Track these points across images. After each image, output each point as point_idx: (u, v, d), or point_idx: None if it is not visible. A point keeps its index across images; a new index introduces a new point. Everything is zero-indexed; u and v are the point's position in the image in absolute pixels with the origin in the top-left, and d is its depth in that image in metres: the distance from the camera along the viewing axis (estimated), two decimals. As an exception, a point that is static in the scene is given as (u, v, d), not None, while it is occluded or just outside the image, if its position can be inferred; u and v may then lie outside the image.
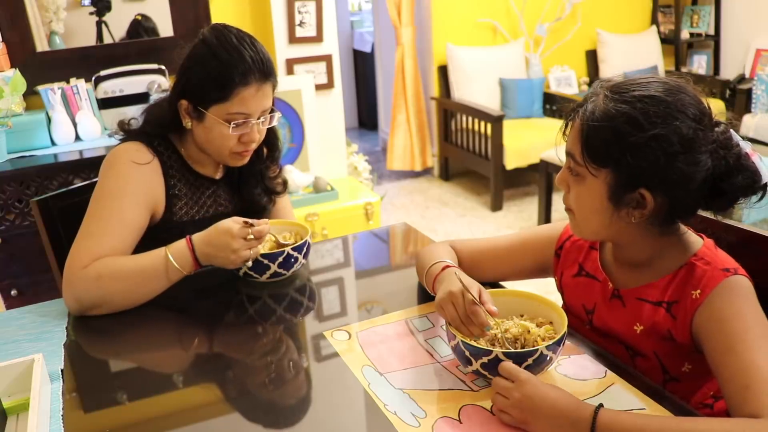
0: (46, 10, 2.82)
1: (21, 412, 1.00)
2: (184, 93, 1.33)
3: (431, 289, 1.16)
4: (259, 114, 1.33)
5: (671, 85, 0.95)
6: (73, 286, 1.22)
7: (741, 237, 1.10)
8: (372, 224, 3.15)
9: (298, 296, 1.32)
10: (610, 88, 0.97)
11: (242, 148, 1.35)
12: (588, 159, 0.96)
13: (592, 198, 0.99)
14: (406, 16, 4.24)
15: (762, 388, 0.83)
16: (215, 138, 1.33)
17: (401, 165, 4.53)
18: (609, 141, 0.94)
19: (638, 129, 0.91)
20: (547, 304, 1.05)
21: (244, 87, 1.28)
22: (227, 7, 3.23)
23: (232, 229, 1.23)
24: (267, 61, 1.31)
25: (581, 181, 0.99)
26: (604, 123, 0.94)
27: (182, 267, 1.25)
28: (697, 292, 0.96)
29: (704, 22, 4.99)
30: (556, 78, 4.69)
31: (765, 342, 0.88)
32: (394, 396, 0.96)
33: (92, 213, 1.29)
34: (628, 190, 0.95)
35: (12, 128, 2.46)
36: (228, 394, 1.03)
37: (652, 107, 0.92)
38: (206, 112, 1.30)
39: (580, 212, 1.02)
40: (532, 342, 0.98)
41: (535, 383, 0.88)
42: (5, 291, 2.39)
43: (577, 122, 0.98)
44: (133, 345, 1.19)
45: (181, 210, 1.41)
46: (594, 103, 0.96)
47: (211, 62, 1.28)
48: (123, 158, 1.33)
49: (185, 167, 1.41)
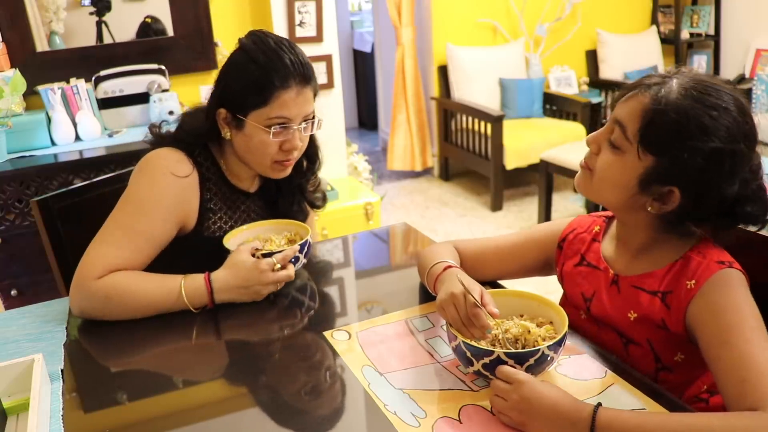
0: (46, 10, 2.82)
1: (21, 412, 1.00)
2: (223, 101, 1.28)
3: (432, 289, 1.15)
4: (300, 120, 1.28)
5: (742, 103, 0.96)
6: (81, 296, 1.20)
7: (741, 237, 1.10)
8: (372, 224, 3.15)
9: (299, 295, 1.32)
10: (692, 82, 0.95)
11: (284, 156, 1.30)
12: (641, 139, 0.95)
13: (623, 173, 0.99)
14: (406, 16, 4.24)
15: (759, 381, 0.83)
16: (256, 147, 1.28)
17: (402, 165, 4.53)
18: (672, 134, 0.93)
19: (704, 136, 0.92)
20: (547, 304, 1.05)
21: (284, 90, 1.24)
22: (227, 7, 3.23)
23: (260, 265, 1.21)
24: (307, 65, 1.27)
25: (618, 153, 0.99)
26: (675, 116, 0.93)
27: (193, 304, 1.21)
28: (691, 283, 0.97)
29: (704, 22, 4.99)
30: (556, 78, 4.69)
31: (759, 333, 0.89)
32: (394, 396, 0.96)
33: (118, 218, 1.25)
34: (661, 182, 0.96)
35: (12, 128, 2.46)
36: (228, 394, 1.03)
37: (723, 121, 0.92)
38: (245, 119, 1.26)
39: (601, 177, 1.02)
40: (533, 342, 0.98)
41: (533, 384, 0.88)
42: (5, 291, 2.39)
43: (646, 99, 0.96)
44: (133, 345, 1.19)
45: (215, 224, 1.37)
46: (668, 90, 0.95)
47: (249, 67, 1.24)
48: (162, 166, 1.27)
49: (222, 180, 1.37)
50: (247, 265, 1.21)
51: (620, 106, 1.00)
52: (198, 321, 1.23)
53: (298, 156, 1.34)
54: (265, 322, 1.24)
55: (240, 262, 1.22)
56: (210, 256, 1.29)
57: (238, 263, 1.22)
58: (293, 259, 1.29)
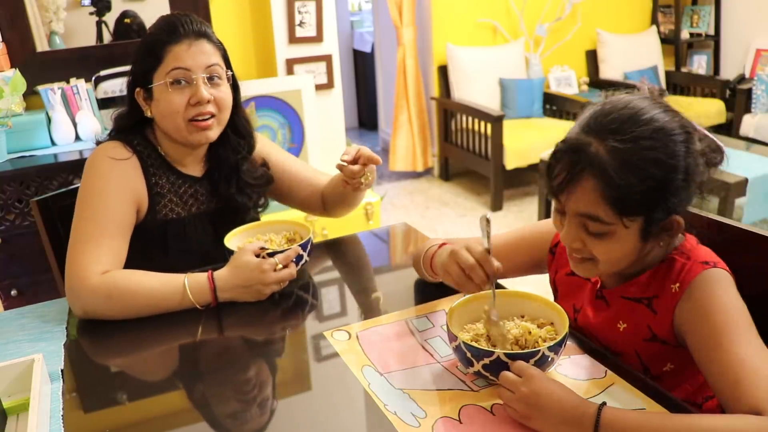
0: (46, 10, 2.82)
1: (21, 412, 1.00)
2: (135, 80, 1.35)
3: (430, 271, 1.15)
4: (201, 70, 1.31)
5: (650, 99, 0.94)
6: (82, 299, 1.21)
7: (741, 237, 1.10)
8: (372, 224, 3.15)
9: (300, 295, 1.32)
10: (607, 130, 0.91)
11: (194, 111, 1.32)
12: (623, 215, 0.91)
13: (626, 245, 0.95)
14: (407, 16, 4.24)
15: (754, 382, 0.82)
16: (165, 108, 1.32)
17: (404, 166, 4.53)
18: (646, 192, 0.90)
19: (668, 168, 0.90)
20: (547, 304, 1.05)
21: (175, 44, 1.30)
22: (227, 7, 3.23)
23: (262, 265, 1.22)
24: (198, 23, 1.34)
25: (608, 238, 0.94)
26: (633, 176, 0.89)
27: (198, 302, 1.23)
28: (676, 286, 0.96)
29: (704, 22, 4.99)
30: (556, 78, 4.69)
31: (748, 332, 0.88)
32: (394, 396, 0.96)
33: (81, 215, 1.29)
34: (661, 223, 0.95)
35: (12, 128, 2.46)
36: (228, 394, 1.03)
37: (662, 137, 0.90)
38: (152, 87, 1.32)
39: (608, 261, 0.98)
40: (533, 343, 0.98)
41: (542, 379, 0.88)
42: (5, 291, 2.39)
43: (591, 181, 0.91)
44: (133, 345, 1.19)
45: (165, 208, 1.40)
46: (600, 156, 0.90)
47: (145, 38, 1.35)
48: (100, 158, 1.33)
49: (165, 165, 1.41)
50: (251, 265, 1.22)
51: (571, 199, 0.94)
52: (198, 321, 1.23)
53: (214, 112, 1.34)
54: (266, 322, 1.24)
55: (243, 263, 1.23)
56: (164, 239, 1.39)
57: (241, 263, 1.23)
58: (297, 258, 1.30)
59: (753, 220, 3.29)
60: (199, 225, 1.43)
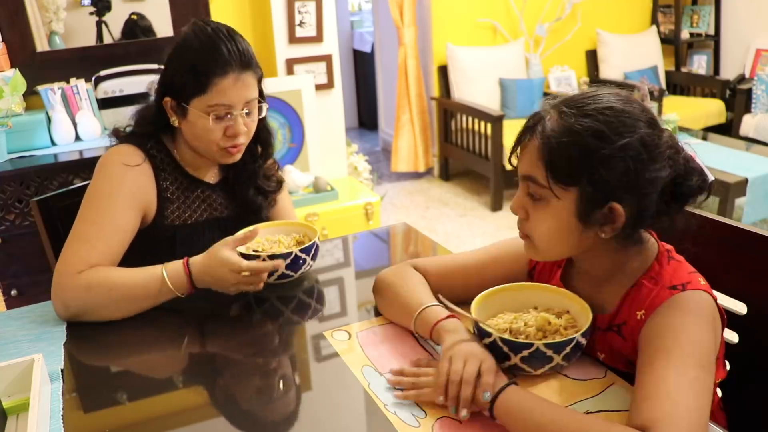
0: (46, 10, 2.82)
1: (21, 412, 1.00)
2: (167, 90, 1.33)
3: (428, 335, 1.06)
4: (241, 105, 1.30)
5: (623, 95, 0.95)
6: (63, 291, 1.21)
7: (741, 237, 1.10)
8: (372, 224, 3.15)
9: (301, 295, 1.32)
10: (564, 103, 0.94)
11: (229, 142, 1.33)
12: (554, 180, 0.92)
13: (559, 220, 0.94)
14: (408, 16, 4.24)
15: (658, 403, 0.79)
16: (200, 133, 1.31)
17: (406, 167, 4.53)
18: (577, 158, 0.90)
19: (606, 141, 0.89)
20: (557, 292, 1.05)
21: (222, 77, 1.27)
22: (227, 7, 3.23)
23: (231, 264, 1.20)
24: (245, 51, 1.30)
25: (544, 206, 0.95)
26: (569, 139, 0.90)
27: (177, 289, 1.23)
28: (641, 313, 0.94)
29: (704, 22, 4.99)
30: (556, 78, 4.69)
31: (687, 361, 0.84)
32: (394, 396, 0.96)
33: (84, 216, 1.29)
34: (597, 206, 0.92)
35: (12, 128, 2.46)
36: (229, 395, 1.03)
37: (614, 118, 0.90)
38: (188, 107, 1.30)
39: (543, 237, 0.97)
40: (553, 332, 0.99)
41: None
42: (5, 291, 2.39)
43: (536, 142, 0.94)
44: (133, 345, 1.19)
45: (173, 213, 1.39)
46: (550, 122, 0.93)
47: (187, 55, 1.29)
48: (114, 160, 1.32)
49: (178, 170, 1.40)
50: (223, 260, 1.21)
51: (521, 162, 0.97)
52: (198, 321, 1.24)
53: (245, 141, 1.36)
54: (266, 323, 1.24)
55: (217, 257, 1.22)
56: (172, 244, 1.37)
57: (213, 254, 1.23)
58: (301, 261, 1.29)
59: (753, 220, 3.30)
60: (208, 231, 1.43)
